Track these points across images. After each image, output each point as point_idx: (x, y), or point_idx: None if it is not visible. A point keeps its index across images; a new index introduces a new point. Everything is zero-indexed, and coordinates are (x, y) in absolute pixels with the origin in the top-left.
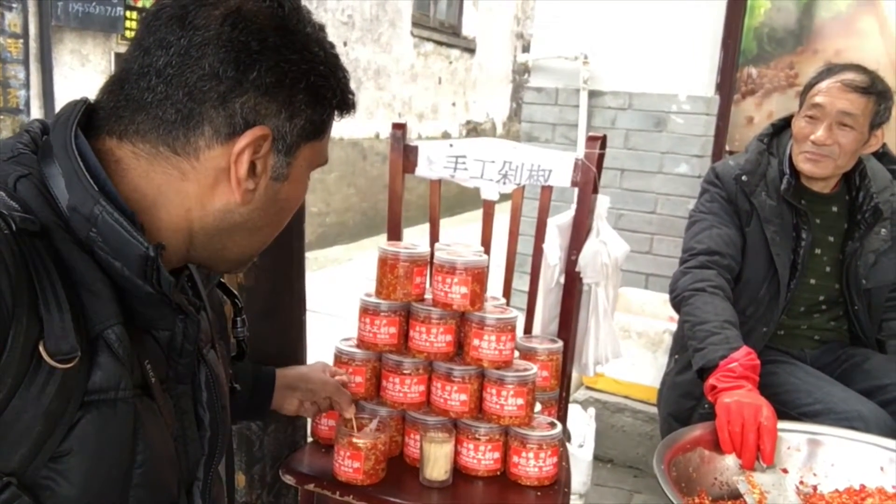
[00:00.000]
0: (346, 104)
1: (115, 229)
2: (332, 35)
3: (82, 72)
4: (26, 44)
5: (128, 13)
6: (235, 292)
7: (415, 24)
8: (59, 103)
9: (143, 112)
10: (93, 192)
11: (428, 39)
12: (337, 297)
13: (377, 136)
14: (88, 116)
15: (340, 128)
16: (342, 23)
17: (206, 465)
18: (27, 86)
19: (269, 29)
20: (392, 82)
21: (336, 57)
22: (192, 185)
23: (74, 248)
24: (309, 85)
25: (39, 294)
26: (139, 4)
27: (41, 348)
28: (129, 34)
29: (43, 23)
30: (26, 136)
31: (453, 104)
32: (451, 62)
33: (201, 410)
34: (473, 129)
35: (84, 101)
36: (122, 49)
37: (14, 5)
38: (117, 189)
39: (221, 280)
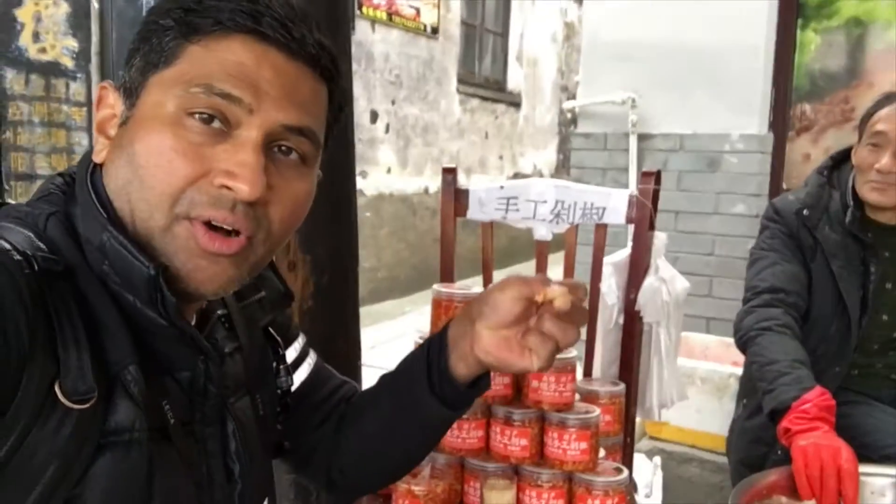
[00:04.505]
0: (189, 14)
1: (121, 254)
2: (380, 94)
3: None
4: (89, 111)
5: None
6: (279, 339)
7: (460, 80)
8: None
9: None
10: (101, 219)
11: (473, 95)
12: (392, 351)
13: (426, 191)
14: None
15: (390, 183)
16: (390, 82)
17: None
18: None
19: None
20: (440, 138)
21: None
22: None
23: (97, 288)
24: (143, 27)
25: (58, 333)
26: None
27: (56, 388)
28: None
29: None
30: (59, 179)
31: (500, 157)
32: (496, 116)
33: (230, 462)
34: None
35: None
36: None
37: (79, 76)
38: None
39: (270, 328)
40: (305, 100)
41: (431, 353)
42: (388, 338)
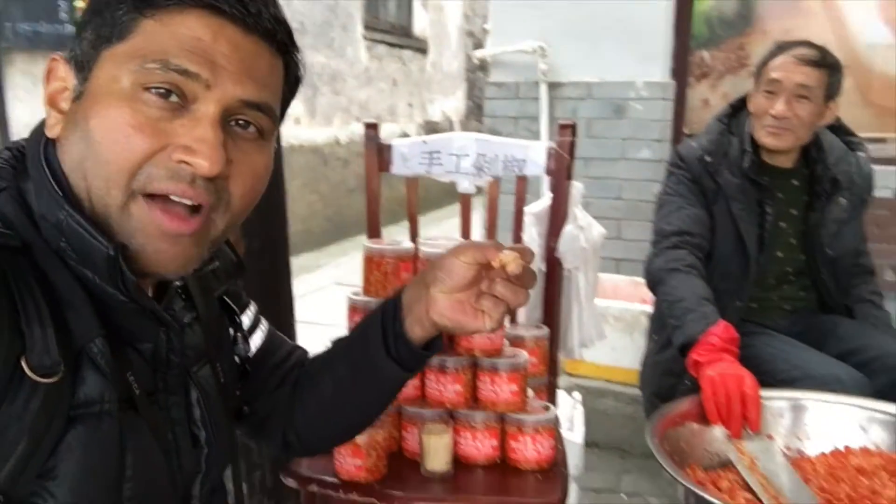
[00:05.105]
0: None
1: (79, 233)
2: None
3: (36, 92)
4: None
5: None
6: (235, 308)
7: (366, 26)
8: (15, 125)
9: None
10: (57, 197)
11: (380, 42)
12: (311, 304)
13: (337, 141)
14: None
15: (299, 134)
16: (294, 29)
17: (202, 481)
18: None
19: None
20: (347, 86)
21: None
22: None
23: (56, 263)
24: (93, 1)
25: (21, 309)
26: None
27: (23, 363)
28: None
29: None
30: (6, 153)
31: (410, 105)
32: (404, 63)
33: (195, 428)
34: (432, 130)
35: None
36: None
37: None
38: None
39: (225, 297)
40: (262, 74)
41: (386, 317)
42: (305, 291)
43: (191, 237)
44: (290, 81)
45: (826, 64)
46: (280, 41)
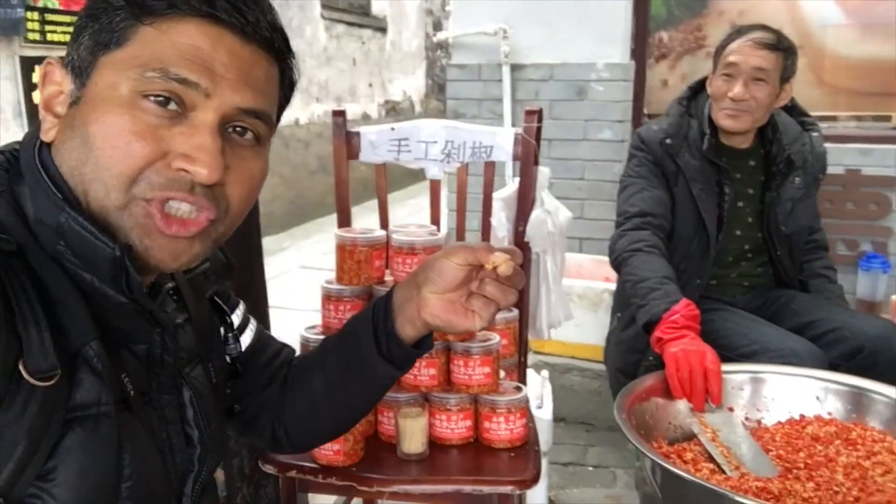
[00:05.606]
0: None
1: (82, 236)
2: None
3: None
4: None
5: (29, 14)
6: (226, 308)
7: (324, 5)
8: None
9: None
10: (57, 200)
11: (339, 21)
12: (276, 287)
13: (297, 123)
14: None
15: None
16: None
17: (195, 480)
18: None
19: None
20: (307, 66)
21: None
22: None
23: (50, 266)
24: (91, 4)
25: (17, 313)
26: (40, 4)
27: (21, 367)
28: (31, 36)
29: None
30: (0, 157)
31: (370, 85)
32: (363, 42)
33: (188, 428)
34: (392, 109)
35: None
36: (27, 52)
37: None
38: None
39: (215, 297)
40: (260, 82)
41: (377, 317)
42: (271, 275)
43: (189, 238)
44: (285, 86)
45: (782, 47)
46: (277, 48)
